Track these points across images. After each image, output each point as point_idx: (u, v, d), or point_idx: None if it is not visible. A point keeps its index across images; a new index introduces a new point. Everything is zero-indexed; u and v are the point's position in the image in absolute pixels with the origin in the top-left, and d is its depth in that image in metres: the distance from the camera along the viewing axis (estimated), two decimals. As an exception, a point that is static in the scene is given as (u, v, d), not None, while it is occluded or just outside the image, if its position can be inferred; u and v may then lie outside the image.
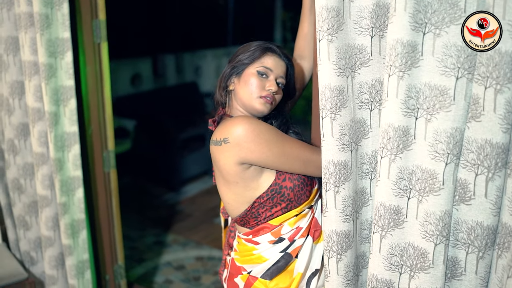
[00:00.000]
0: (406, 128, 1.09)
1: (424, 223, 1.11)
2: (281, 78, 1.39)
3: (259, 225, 1.40)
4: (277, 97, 1.39)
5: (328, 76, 1.14)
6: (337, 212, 1.21)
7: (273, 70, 1.38)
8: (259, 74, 1.37)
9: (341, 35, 1.13)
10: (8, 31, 2.09)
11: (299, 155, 1.33)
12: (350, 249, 1.25)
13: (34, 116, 2.07)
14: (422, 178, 1.10)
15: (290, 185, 1.36)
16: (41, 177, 2.16)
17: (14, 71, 2.14)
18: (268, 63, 1.38)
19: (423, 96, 1.07)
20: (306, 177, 1.38)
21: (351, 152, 1.20)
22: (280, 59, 1.40)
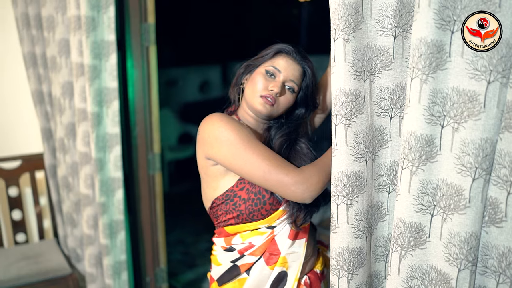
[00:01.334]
0: (430, 137, 0.98)
1: (448, 244, 0.99)
2: (291, 82, 1.33)
3: (218, 227, 1.40)
4: (281, 100, 1.33)
5: (343, 79, 1.05)
6: (349, 228, 1.12)
7: (282, 72, 1.33)
8: (267, 74, 1.33)
9: (359, 34, 1.05)
10: (61, 34, 2.18)
11: (261, 165, 1.22)
12: (363, 267, 1.14)
13: (80, 116, 2.14)
14: (448, 194, 0.98)
15: (245, 196, 1.31)
16: (84, 176, 2.22)
17: (66, 72, 2.23)
18: (278, 63, 1.34)
19: (450, 102, 0.95)
20: (269, 195, 1.30)
21: (366, 162, 1.10)
22: (294, 62, 1.34)
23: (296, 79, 1.34)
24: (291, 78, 1.33)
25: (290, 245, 1.36)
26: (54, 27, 2.23)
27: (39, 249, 2.64)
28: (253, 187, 1.31)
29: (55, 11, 2.18)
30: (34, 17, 2.39)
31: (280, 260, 1.35)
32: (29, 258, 2.51)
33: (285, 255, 1.36)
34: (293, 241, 1.36)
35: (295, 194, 1.21)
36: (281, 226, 1.35)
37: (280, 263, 1.36)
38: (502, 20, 0.88)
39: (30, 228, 2.88)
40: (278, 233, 1.35)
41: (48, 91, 2.49)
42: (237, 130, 1.25)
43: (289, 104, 1.36)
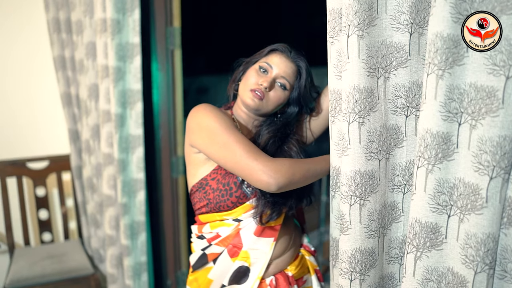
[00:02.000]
0: (447, 135, 0.95)
1: (464, 246, 0.95)
2: (282, 79, 1.36)
3: (196, 215, 1.45)
4: (271, 95, 1.36)
5: (357, 76, 1.04)
6: (362, 228, 1.10)
7: (274, 68, 1.37)
8: (260, 70, 1.38)
9: (373, 31, 1.03)
10: (89, 37, 2.24)
11: (235, 150, 1.25)
12: (374, 268, 1.12)
13: (104, 117, 2.18)
14: (465, 193, 0.95)
15: (214, 186, 1.36)
16: (107, 177, 2.25)
17: (92, 75, 2.28)
18: (271, 60, 1.38)
19: (467, 98, 0.93)
20: (236, 188, 1.34)
21: (379, 161, 1.08)
22: (288, 60, 1.38)
23: (288, 77, 1.37)
24: (282, 74, 1.36)
25: (254, 241, 1.38)
26: (82, 31, 2.29)
27: (63, 248, 2.69)
28: (223, 179, 1.35)
29: (83, 14, 2.24)
30: (64, 21, 2.46)
31: (241, 253, 1.38)
32: (53, 257, 2.56)
33: (247, 249, 1.38)
34: (258, 237, 1.38)
35: (261, 180, 1.21)
36: (248, 221, 1.38)
37: (241, 256, 1.38)
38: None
39: (56, 228, 2.94)
40: (244, 227, 1.38)
41: (76, 94, 2.55)
42: (218, 118, 1.30)
43: (280, 101, 1.38)
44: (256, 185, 1.24)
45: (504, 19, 0.87)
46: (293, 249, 1.49)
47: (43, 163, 2.73)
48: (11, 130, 2.77)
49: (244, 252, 1.38)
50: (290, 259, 1.47)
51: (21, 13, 2.70)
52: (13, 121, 2.77)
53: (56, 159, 2.75)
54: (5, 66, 2.71)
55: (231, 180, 1.35)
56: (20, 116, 2.79)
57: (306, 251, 1.55)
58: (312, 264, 1.53)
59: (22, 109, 2.78)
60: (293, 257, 1.49)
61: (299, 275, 1.49)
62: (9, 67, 2.72)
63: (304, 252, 1.54)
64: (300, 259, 1.51)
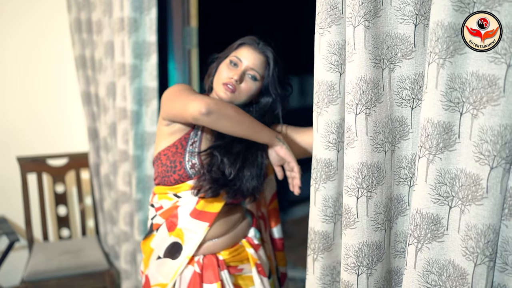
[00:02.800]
0: (448, 124, 0.94)
1: (465, 237, 0.94)
2: (252, 70, 1.45)
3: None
4: (243, 87, 1.44)
5: (364, 67, 1.04)
6: (369, 221, 1.09)
7: (243, 61, 1.45)
8: (230, 64, 1.46)
9: (378, 22, 1.03)
10: (108, 36, 2.29)
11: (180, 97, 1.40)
12: (381, 262, 1.10)
13: (120, 114, 2.22)
14: (466, 184, 0.94)
15: (163, 161, 1.47)
16: (122, 174, 2.29)
17: (110, 73, 2.33)
18: (241, 53, 1.46)
19: (469, 87, 0.92)
20: (180, 167, 1.44)
21: (385, 153, 1.08)
22: (256, 51, 1.46)
23: (257, 68, 1.45)
24: (251, 66, 1.45)
25: (188, 221, 1.46)
26: (102, 30, 2.35)
27: (80, 244, 2.74)
28: (172, 156, 1.46)
29: (103, 14, 2.29)
30: (85, 21, 2.53)
31: (176, 230, 1.48)
32: (70, 252, 2.61)
33: (181, 227, 1.47)
34: (193, 219, 1.46)
35: (193, 105, 1.32)
36: (186, 200, 1.47)
37: (176, 233, 1.48)
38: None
39: (75, 225, 2.99)
40: (182, 205, 1.47)
41: (95, 92, 2.61)
42: (184, 85, 1.48)
43: (251, 91, 1.47)
44: (189, 112, 1.33)
45: (506, 7, 0.87)
46: (232, 237, 1.54)
47: (62, 160, 2.80)
48: (33, 127, 2.85)
49: (178, 229, 1.47)
50: (224, 245, 1.52)
51: (44, 14, 2.79)
52: (35, 119, 2.85)
53: (75, 157, 2.81)
54: (28, 65, 2.80)
55: (178, 159, 1.45)
56: (42, 114, 2.87)
57: (248, 243, 1.57)
58: (253, 257, 1.54)
59: (44, 107, 2.86)
60: (229, 244, 1.53)
61: (233, 263, 1.53)
62: (32, 66, 2.81)
63: (245, 243, 1.57)
64: (237, 248, 1.55)
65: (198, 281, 1.45)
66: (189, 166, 1.45)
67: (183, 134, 1.49)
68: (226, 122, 1.34)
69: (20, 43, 2.76)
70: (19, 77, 2.80)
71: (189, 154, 1.46)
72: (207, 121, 1.33)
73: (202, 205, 1.46)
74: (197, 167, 1.44)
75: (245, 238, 1.58)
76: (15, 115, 2.81)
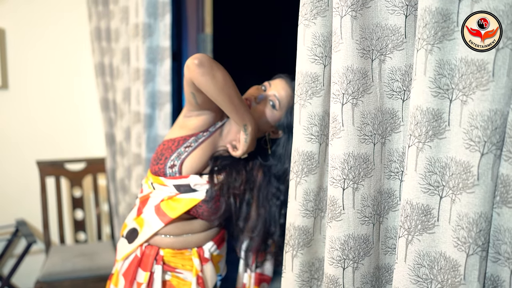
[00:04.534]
0: (437, 111, 0.93)
1: (456, 228, 0.91)
2: (275, 97, 1.48)
3: None
4: (259, 108, 1.48)
5: (351, 57, 1.03)
6: (355, 213, 1.07)
7: (272, 87, 1.50)
8: (261, 87, 1.53)
9: (367, 12, 1.03)
10: (124, 43, 2.35)
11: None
12: (368, 257, 1.08)
13: (134, 118, 2.26)
14: (456, 172, 0.91)
15: (158, 149, 1.54)
16: (136, 177, 2.33)
17: (126, 78, 2.38)
18: (273, 82, 1.52)
19: (458, 74, 0.90)
20: (162, 161, 1.49)
21: (373, 145, 1.06)
22: (286, 85, 1.50)
23: (281, 98, 1.48)
24: (276, 94, 1.48)
25: (150, 214, 1.51)
26: (119, 38, 2.41)
27: (95, 248, 2.78)
28: (165, 149, 1.51)
29: (120, 22, 2.36)
30: (105, 30, 2.61)
31: (139, 217, 1.54)
32: (85, 255, 2.65)
33: (143, 217, 1.52)
34: (154, 214, 1.50)
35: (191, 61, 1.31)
36: (157, 194, 1.51)
37: (139, 219, 1.54)
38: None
39: (91, 229, 3.04)
40: (152, 197, 1.52)
41: (113, 99, 2.67)
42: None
43: (265, 116, 1.48)
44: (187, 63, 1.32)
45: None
46: (181, 242, 1.54)
47: (80, 164, 2.86)
48: (53, 132, 2.93)
49: (141, 218, 1.53)
50: (170, 245, 1.53)
51: (67, 23, 2.89)
52: (55, 124, 2.93)
53: (93, 161, 2.87)
54: (49, 71, 2.90)
55: (165, 154, 1.50)
56: (62, 120, 2.95)
57: (197, 254, 1.55)
58: (196, 268, 1.53)
59: (64, 112, 2.95)
60: (176, 247, 1.54)
61: (172, 263, 1.53)
62: (53, 73, 2.90)
63: (194, 252, 1.55)
64: (182, 252, 1.54)
65: (135, 264, 1.51)
66: (169, 165, 1.49)
67: (186, 134, 1.52)
68: (210, 81, 1.31)
69: (42, 51, 2.87)
70: (40, 84, 2.90)
71: (176, 154, 1.49)
72: (195, 72, 1.30)
73: (165, 205, 1.50)
74: (174, 170, 1.48)
75: (197, 248, 1.57)
76: (36, 120, 2.91)
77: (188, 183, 1.48)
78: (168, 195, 1.50)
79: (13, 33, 2.82)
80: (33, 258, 2.91)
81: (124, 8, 2.30)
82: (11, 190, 2.89)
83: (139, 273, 1.51)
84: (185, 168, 1.48)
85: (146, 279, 1.49)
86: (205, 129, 1.52)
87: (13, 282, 2.84)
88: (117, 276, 1.56)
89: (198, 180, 1.48)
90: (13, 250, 2.91)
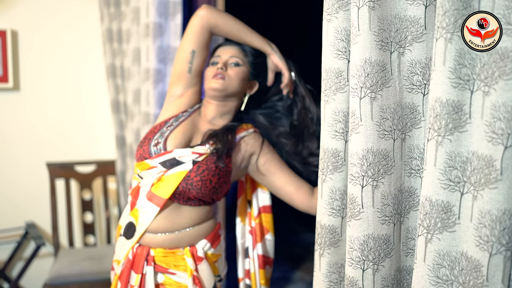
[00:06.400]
0: (458, 103, 0.88)
1: (478, 226, 0.87)
2: (232, 58, 1.57)
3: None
4: (230, 73, 1.55)
5: (369, 49, 1.00)
6: (375, 212, 1.02)
7: (221, 55, 1.59)
8: (212, 64, 1.60)
9: (385, 3, 1.00)
10: (135, 43, 2.34)
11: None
12: (389, 258, 1.03)
13: (144, 119, 2.24)
14: (478, 167, 0.87)
15: (144, 135, 1.57)
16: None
17: (137, 80, 2.37)
18: (216, 53, 1.62)
19: (480, 63, 0.86)
20: (146, 143, 1.51)
21: (393, 140, 1.02)
22: (229, 45, 1.61)
23: (235, 55, 1.58)
24: (230, 55, 1.58)
25: (144, 202, 1.48)
26: (130, 39, 2.40)
27: (104, 251, 2.75)
28: (148, 133, 1.55)
29: (132, 22, 2.35)
30: (116, 31, 2.60)
31: (134, 210, 1.50)
32: (93, 258, 2.63)
33: (137, 208, 1.49)
34: (147, 201, 1.47)
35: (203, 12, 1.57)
36: (146, 180, 1.50)
37: (133, 213, 1.50)
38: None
39: (101, 232, 3.02)
40: (142, 186, 1.50)
41: (124, 101, 2.66)
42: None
43: (240, 75, 1.56)
44: (193, 17, 1.59)
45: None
46: (172, 240, 1.49)
47: (90, 166, 2.85)
48: (64, 134, 2.93)
49: (135, 210, 1.49)
50: (160, 244, 1.49)
51: (78, 25, 2.89)
52: (65, 126, 2.93)
53: (103, 164, 2.85)
54: (60, 73, 2.91)
55: (148, 136, 1.54)
56: (73, 121, 2.95)
57: (190, 253, 1.50)
58: (190, 268, 1.48)
59: (75, 114, 2.95)
60: (167, 246, 1.50)
61: (165, 264, 1.49)
62: (64, 75, 2.91)
63: (187, 252, 1.50)
64: (174, 252, 1.50)
65: (128, 267, 1.49)
66: (153, 143, 1.51)
67: (167, 118, 1.59)
68: (223, 18, 1.57)
69: (54, 53, 2.87)
70: (52, 86, 2.90)
71: (159, 134, 1.53)
72: (209, 13, 1.56)
73: (155, 188, 1.47)
74: (159, 147, 1.50)
75: (190, 247, 1.52)
76: (47, 122, 2.90)
77: (173, 156, 1.48)
78: (156, 178, 1.48)
79: (26, 35, 2.83)
80: (41, 261, 2.89)
81: (135, 8, 2.29)
82: (21, 192, 2.88)
83: (131, 276, 1.48)
84: (169, 143, 1.51)
85: (138, 281, 1.46)
86: (184, 110, 1.60)
87: (21, 284, 2.83)
88: (116, 280, 1.53)
89: (182, 152, 1.49)
90: (22, 253, 2.90)
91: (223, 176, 1.50)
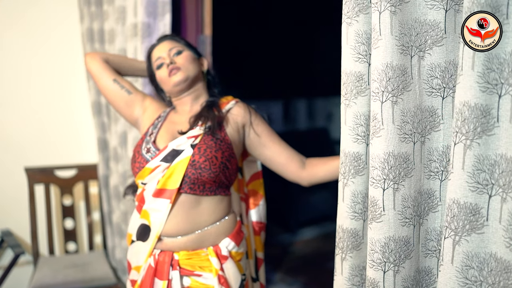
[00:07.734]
0: (486, 107, 0.90)
1: (508, 227, 0.88)
2: (172, 50, 1.58)
3: None
4: (180, 60, 1.56)
5: (390, 53, 1.00)
6: (396, 214, 1.03)
7: (160, 55, 1.59)
8: (158, 68, 1.60)
9: (406, 7, 1.00)
10: (120, 44, 2.29)
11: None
12: (409, 259, 1.04)
13: (131, 122, 2.18)
14: (507, 170, 0.89)
15: (133, 151, 1.58)
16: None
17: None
18: (153, 57, 1.62)
19: (508, 68, 0.87)
20: (138, 156, 1.52)
21: (413, 144, 1.03)
22: (160, 44, 1.62)
23: (172, 46, 1.60)
24: (168, 49, 1.59)
25: (151, 201, 1.48)
26: (114, 39, 2.33)
27: (87, 259, 2.67)
28: (137, 146, 1.57)
29: (116, 22, 2.28)
30: (98, 31, 2.52)
31: (142, 212, 1.50)
32: (77, 266, 2.54)
33: (146, 208, 1.49)
34: (155, 198, 1.47)
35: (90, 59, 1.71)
36: (150, 184, 1.49)
37: (142, 214, 1.50)
38: None
39: (82, 239, 2.93)
40: (147, 189, 1.50)
41: (106, 103, 2.58)
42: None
43: (189, 58, 1.58)
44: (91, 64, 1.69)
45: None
46: (194, 240, 1.48)
47: (71, 171, 2.75)
48: (43, 137, 2.82)
49: (144, 210, 1.49)
50: (183, 247, 1.47)
51: (56, 25, 2.78)
52: (44, 129, 2.82)
53: (84, 168, 2.76)
54: (38, 75, 2.78)
55: (136, 150, 1.56)
56: (52, 124, 2.84)
57: (214, 252, 1.49)
58: (215, 268, 1.47)
59: (54, 117, 2.84)
60: (190, 247, 1.48)
61: (190, 267, 1.48)
62: (42, 76, 2.79)
63: (211, 252, 1.49)
64: (198, 253, 1.49)
65: (151, 274, 1.46)
66: (145, 151, 1.52)
67: (146, 129, 1.63)
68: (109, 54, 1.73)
69: (30, 53, 2.76)
70: (28, 87, 2.78)
71: (145, 142, 1.55)
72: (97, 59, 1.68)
73: (162, 183, 1.46)
74: (152, 150, 1.51)
75: (213, 247, 1.50)
76: (24, 125, 2.78)
77: (171, 148, 1.48)
78: (162, 175, 1.47)
79: (1, 35, 2.70)
80: (20, 270, 2.77)
81: (121, 8, 2.22)
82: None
83: (156, 283, 1.45)
84: (159, 144, 1.54)
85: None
86: (157, 116, 1.63)
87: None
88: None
89: (178, 141, 1.49)
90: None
91: (226, 150, 1.50)
